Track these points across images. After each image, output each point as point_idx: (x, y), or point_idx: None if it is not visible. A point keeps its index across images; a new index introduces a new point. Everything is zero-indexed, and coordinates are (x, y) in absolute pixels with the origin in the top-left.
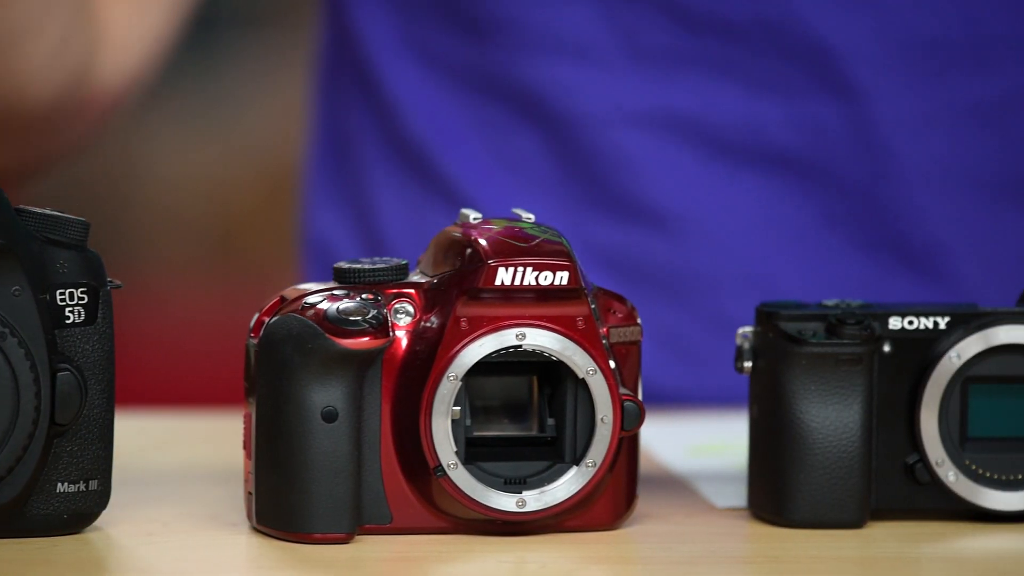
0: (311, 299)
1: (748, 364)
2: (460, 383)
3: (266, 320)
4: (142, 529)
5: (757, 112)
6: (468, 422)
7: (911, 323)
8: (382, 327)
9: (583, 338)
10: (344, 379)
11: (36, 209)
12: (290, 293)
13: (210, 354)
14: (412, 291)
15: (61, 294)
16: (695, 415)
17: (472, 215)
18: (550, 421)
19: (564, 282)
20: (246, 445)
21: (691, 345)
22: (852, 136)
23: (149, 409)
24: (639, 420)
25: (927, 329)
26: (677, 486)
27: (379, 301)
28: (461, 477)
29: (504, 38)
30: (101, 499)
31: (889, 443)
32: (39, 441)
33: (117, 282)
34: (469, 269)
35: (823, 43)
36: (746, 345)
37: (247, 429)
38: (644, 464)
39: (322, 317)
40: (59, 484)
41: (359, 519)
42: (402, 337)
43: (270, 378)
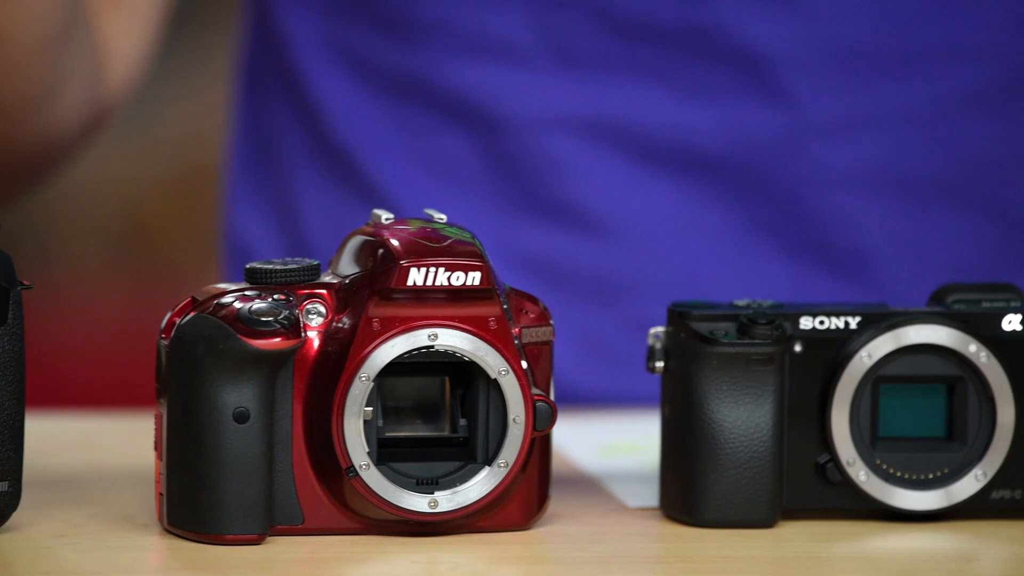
0: (223, 300)
1: (660, 364)
2: (372, 384)
3: (177, 321)
4: (53, 530)
5: (685, 117)
6: (380, 423)
7: (822, 323)
8: (294, 328)
9: (495, 338)
10: (256, 380)
11: None
12: (202, 293)
13: (122, 355)
14: (324, 292)
15: None
16: (608, 415)
17: (384, 215)
18: (462, 421)
19: (476, 282)
20: (157, 446)
21: (615, 349)
22: (779, 141)
23: (60, 410)
24: (551, 420)
25: (838, 329)
26: (589, 486)
27: (291, 302)
28: (373, 478)
29: (432, 41)
30: (12, 500)
31: (800, 443)
32: None
33: (27, 283)
34: (381, 270)
35: (751, 49)
36: (658, 345)
37: (158, 430)
38: (556, 464)
39: (234, 318)
40: None
41: (271, 520)
42: (314, 338)
43: (181, 379)
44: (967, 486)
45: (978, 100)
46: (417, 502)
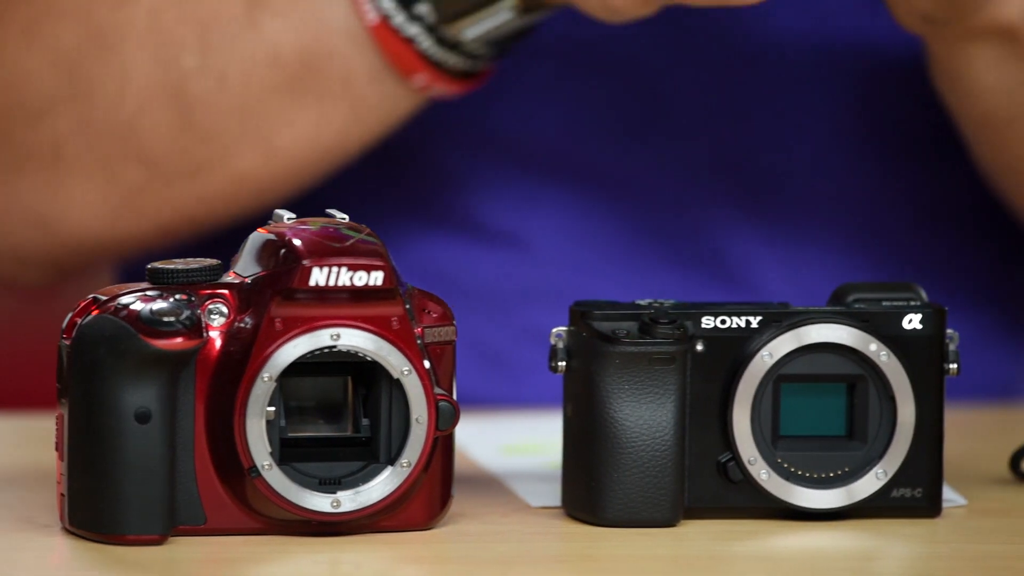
0: (124, 299)
1: (562, 364)
2: (274, 384)
3: (78, 321)
4: None
5: (574, 127)
6: (283, 423)
7: (724, 322)
8: (195, 328)
9: (398, 338)
10: (158, 380)
11: None
12: (103, 293)
13: (22, 355)
14: (226, 291)
15: None
16: (510, 415)
17: (286, 215)
18: (365, 421)
19: (379, 282)
20: (59, 447)
21: (508, 359)
22: (665, 150)
23: None
24: (454, 420)
25: (739, 328)
26: (492, 485)
27: (193, 302)
28: (275, 478)
29: None
30: None
31: (702, 442)
32: None
33: None
34: (283, 269)
35: (636, 59)
36: (560, 344)
37: (59, 431)
38: (459, 464)
39: (135, 318)
40: None
41: (173, 520)
42: (216, 338)
43: (82, 379)
44: (867, 485)
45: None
46: (319, 502)
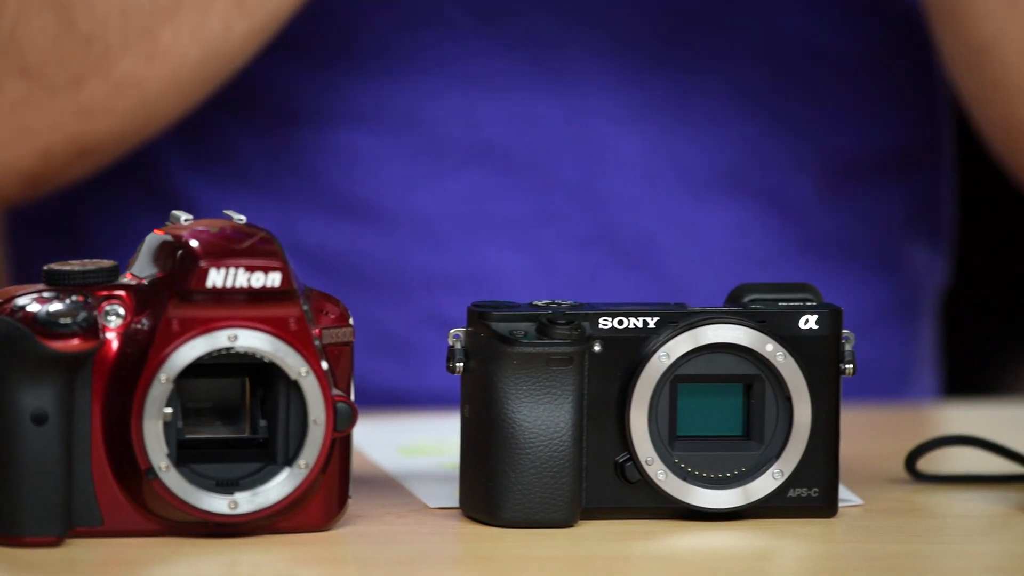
0: (19, 301)
1: (460, 364)
2: (171, 385)
3: None
4: None
5: (472, 106)
6: (180, 424)
7: (621, 323)
8: (92, 329)
9: (295, 339)
10: (54, 381)
11: None
12: None
13: None
14: (123, 293)
15: None
16: (408, 415)
17: (183, 216)
18: (262, 423)
19: (276, 284)
20: None
21: (407, 344)
22: (565, 130)
23: None
24: (351, 421)
25: (636, 328)
26: (390, 486)
27: (89, 303)
28: (173, 479)
29: None
30: None
31: (600, 442)
32: None
33: None
34: (180, 271)
35: (538, 37)
36: (458, 345)
37: None
38: (357, 465)
39: (31, 319)
40: None
41: (70, 522)
42: (113, 339)
43: None
44: (764, 484)
45: (754, 92)
46: (217, 503)
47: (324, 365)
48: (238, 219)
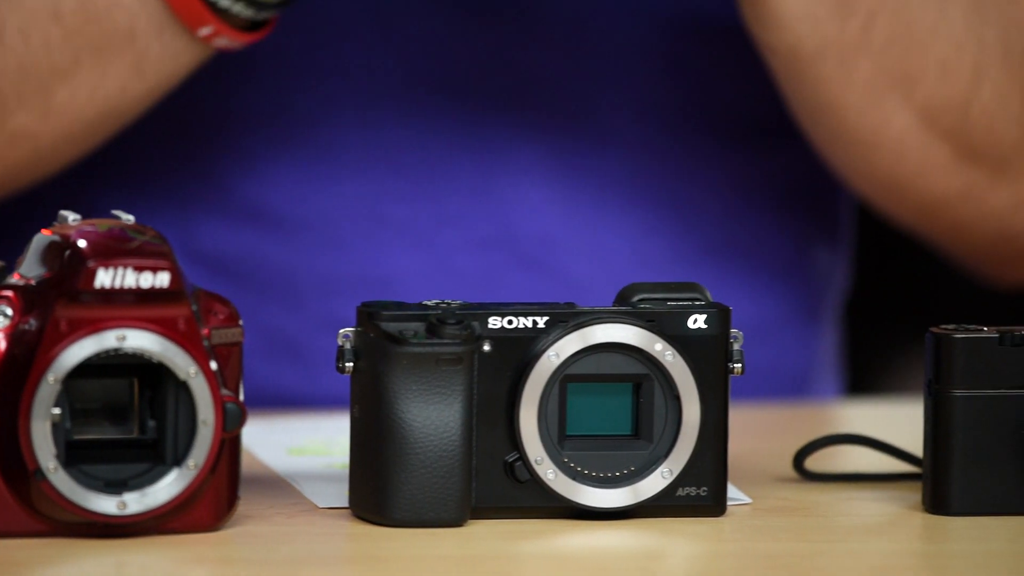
0: None
1: (349, 364)
2: (60, 385)
3: None
4: None
5: (368, 110)
6: (68, 425)
7: (511, 323)
8: None
9: (184, 339)
10: None
11: None
12: None
13: None
14: (10, 293)
15: None
16: (298, 415)
17: (71, 216)
18: (151, 423)
19: (165, 284)
20: None
21: (304, 348)
22: (462, 133)
23: None
24: (240, 421)
25: (526, 328)
26: (279, 487)
27: None
28: (61, 480)
29: None
30: None
31: (489, 441)
32: None
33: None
34: (68, 271)
35: (427, 34)
36: (347, 345)
37: None
38: (246, 465)
39: None
40: None
41: None
42: (0, 340)
43: None
44: (653, 484)
45: (655, 99)
46: (105, 504)
47: (213, 365)
48: (126, 219)
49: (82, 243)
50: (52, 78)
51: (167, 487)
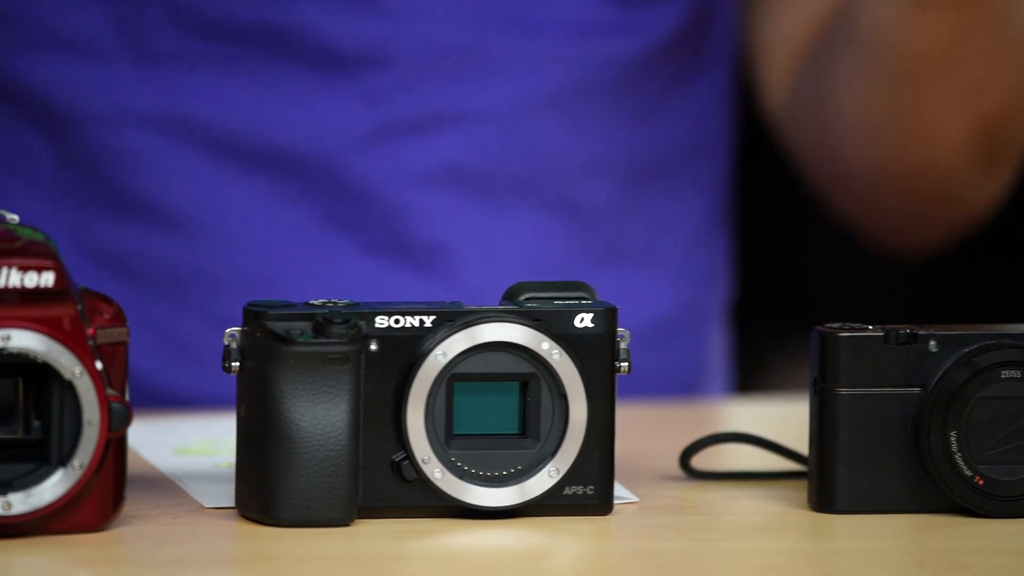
0: None
1: (236, 364)
2: None
3: None
4: None
5: (263, 110)
6: None
7: (397, 322)
8: None
9: (69, 339)
10: None
11: None
12: None
13: None
14: None
15: None
16: (184, 415)
17: None
18: (36, 423)
19: (50, 283)
20: None
21: (196, 347)
22: (358, 138)
23: None
24: (126, 421)
25: (413, 327)
26: (165, 487)
27: None
28: None
29: (1, 35)
30: None
31: (376, 441)
32: None
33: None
34: None
35: (331, 47)
36: (233, 345)
37: None
38: (132, 465)
39: None
40: None
41: None
42: None
43: None
44: (540, 482)
45: (552, 102)
46: None
47: (99, 365)
48: (11, 218)
49: None
50: None
51: (52, 487)
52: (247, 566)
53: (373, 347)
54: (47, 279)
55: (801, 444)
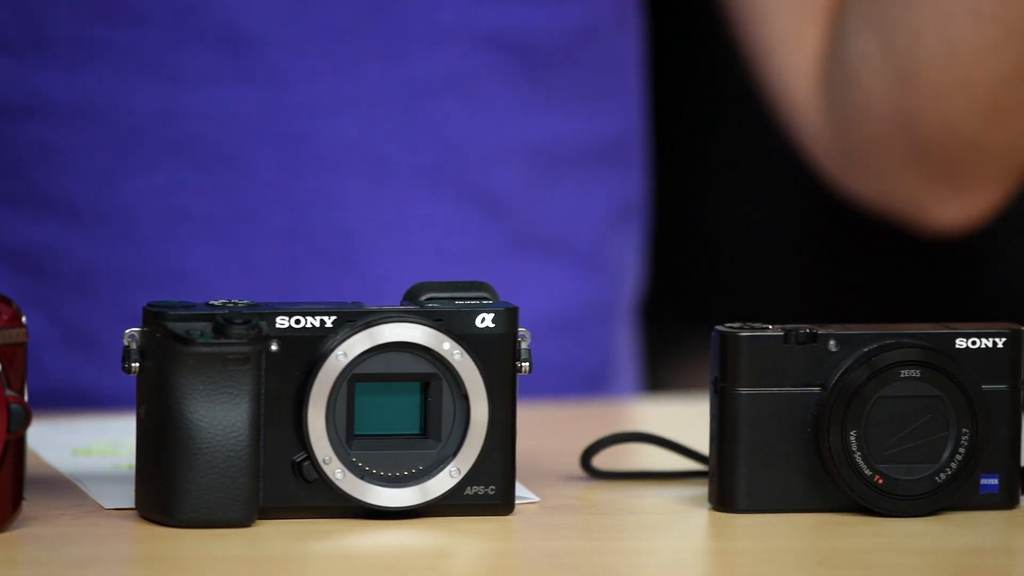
0: None
1: (136, 364)
2: None
3: None
4: None
5: (169, 101)
6: None
7: (298, 322)
8: None
9: None
10: None
11: None
12: None
13: None
14: None
15: None
16: (84, 416)
17: None
18: None
19: None
20: None
21: (104, 343)
22: (265, 123)
23: None
24: (25, 422)
25: (314, 327)
26: (65, 488)
27: None
28: None
29: None
30: None
31: (277, 441)
32: None
33: None
34: None
35: (235, 29)
36: (133, 345)
37: None
38: (32, 466)
39: None
40: None
41: None
42: None
43: None
44: (442, 483)
45: (458, 85)
46: None
47: None
48: None
49: None
50: None
51: None
52: (147, 567)
53: (274, 347)
54: None
55: (704, 443)
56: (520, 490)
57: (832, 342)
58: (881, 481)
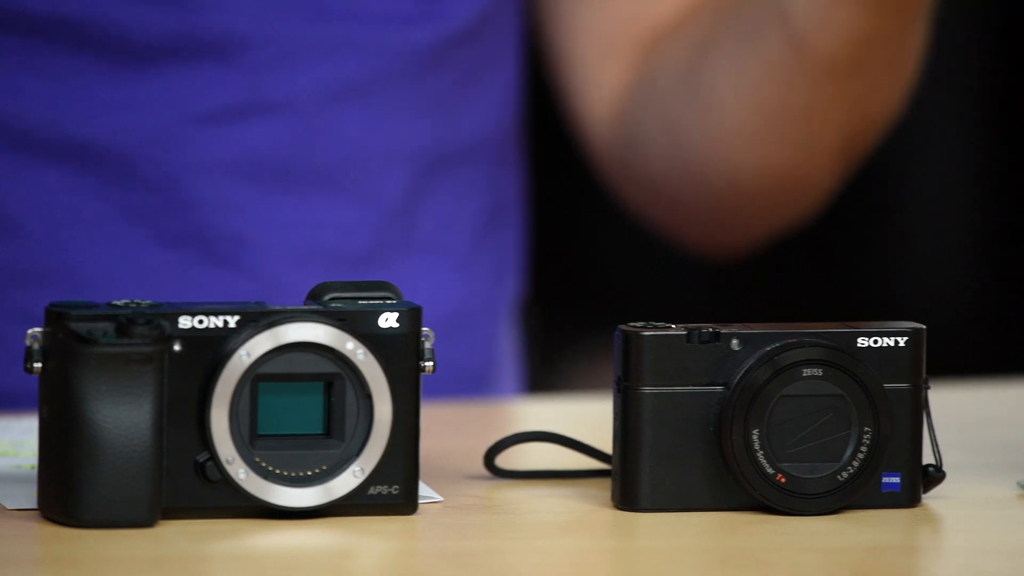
0: None
1: (38, 365)
2: None
3: None
4: None
5: (58, 103)
6: None
7: (201, 322)
8: None
9: None
10: None
11: None
12: None
13: None
14: None
15: None
16: None
17: None
18: None
19: None
20: None
21: None
22: (156, 130)
23: None
24: None
25: (217, 328)
26: None
27: None
28: None
29: None
30: None
31: (180, 441)
32: None
33: None
34: None
35: (127, 39)
36: (36, 346)
37: None
38: None
39: None
40: None
41: None
42: None
43: None
44: (345, 482)
45: (351, 92)
46: None
47: None
48: None
49: None
50: None
51: None
52: (49, 568)
53: (177, 347)
54: None
55: (599, 443)
56: (423, 489)
57: (735, 341)
58: (784, 480)
